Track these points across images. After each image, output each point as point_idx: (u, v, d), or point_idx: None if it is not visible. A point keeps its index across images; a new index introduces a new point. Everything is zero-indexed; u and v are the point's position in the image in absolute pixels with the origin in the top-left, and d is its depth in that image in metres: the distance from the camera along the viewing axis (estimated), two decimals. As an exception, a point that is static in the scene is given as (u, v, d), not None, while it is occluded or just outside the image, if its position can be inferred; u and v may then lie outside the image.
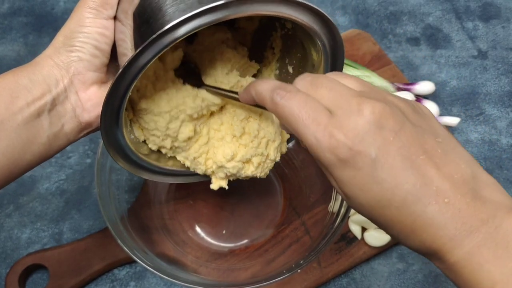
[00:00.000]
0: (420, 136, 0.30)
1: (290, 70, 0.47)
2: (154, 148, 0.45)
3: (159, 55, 0.33)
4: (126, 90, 0.35)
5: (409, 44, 0.78)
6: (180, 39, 0.33)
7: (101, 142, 0.52)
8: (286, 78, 0.48)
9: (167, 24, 0.32)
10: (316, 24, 0.36)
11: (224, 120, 0.46)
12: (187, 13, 0.32)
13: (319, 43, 0.39)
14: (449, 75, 0.75)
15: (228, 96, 0.41)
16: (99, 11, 0.38)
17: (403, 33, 0.79)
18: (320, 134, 0.30)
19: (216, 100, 0.44)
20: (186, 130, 0.44)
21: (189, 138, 0.45)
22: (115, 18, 0.39)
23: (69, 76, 0.38)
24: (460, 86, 0.74)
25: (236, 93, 0.39)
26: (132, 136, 0.43)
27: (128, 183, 0.57)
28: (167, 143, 0.44)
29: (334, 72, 0.34)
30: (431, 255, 0.30)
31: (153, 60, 0.34)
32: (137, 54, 0.33)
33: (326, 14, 0.36)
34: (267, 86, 0.33)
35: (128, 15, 0.38)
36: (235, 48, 0.47)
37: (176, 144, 0.45)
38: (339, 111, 0.30)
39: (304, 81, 0.33)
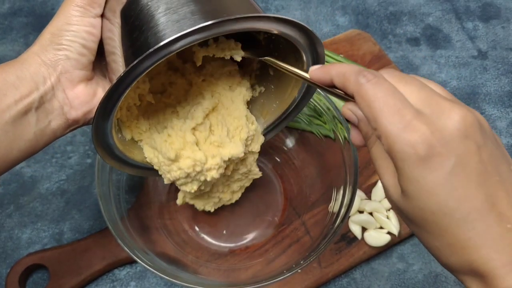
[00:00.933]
0: (498, 158, 0.30)
1: (271, 72, 0.47)
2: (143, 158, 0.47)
3: (153, 66, 0.34)
4: (119, 97, 0.36)
5: (409, 44, 0.78)
6: (174, 53, 0.33)
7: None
8: (267, 79, 0.48)
9: (161, 36, 0.33)
10: (301, 37, 0.38)
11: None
12: (180, 24, 0.33)
13: (302, 53, 0.40)
14: (449, 75, 0.75)
15: (293, 73, 0.39)
16: (86, 9, 0.38)
17: (403, 33, 0.79)
18: (402, 125, 0.29)
19: (240, 154, 0.46)
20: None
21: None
22: (102, 16, 0.39)
23: (56, 74, 0.38)
24: (460, 86, 0.74)
25: (304, 71, 0.38)
26: (120, 135, 0.43)
27: (128, 183, 0.57)
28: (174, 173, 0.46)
29: (416, 76, 0.34)
30: (472, 276, 0.30)
31: (148, 71, 0.34)
32: (134, 66, 0.33)
33: (312, 31, 0.37)
34: (352, 67, 0.33)
35: (116, 14, 0.38)
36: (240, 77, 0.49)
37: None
38: (428, 110, 0.30)
39: (391, 74, 0.32)
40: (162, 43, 0.32)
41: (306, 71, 0.37)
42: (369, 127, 0.33)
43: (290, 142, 0.62)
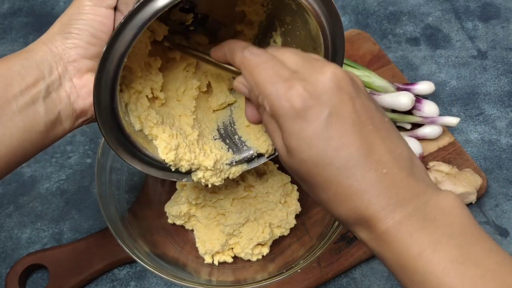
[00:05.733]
0: (372, 109, 0.32)
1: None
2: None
3: (154, 19, 0.34)
4: (121, 57, 0.35)
5: (409, 44, 0.78)
6: (169, 6, 0.34)
7: (101, 142, 0.52)
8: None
9: None
10: (315, 3, 0.38)
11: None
12: None
13: (316, 25, 0.39)
14: (449, 75, 0.75)
15: (199, 57, 0.43)
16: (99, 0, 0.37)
17: (402, 33, 0.79)
18: (279, 84, 0.32)
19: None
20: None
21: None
22: (115, 9, 0.38)
23: (63, 62, 0.37)
24: (459, 86, 0.74)
25: (207, 54, 0.41)
26: (127, 118, 0.42)
27: (128, 183, 0.57)
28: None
29: None
30: (360, 224, 0.31)
31: (149, 24, 0.34)
32: (130, 16, 0.34)
33: None
34: (240, 43, 0.37)
35: (129, 6, 0.37)
36: None
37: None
38: (302, 69, 0.32)
39: (273, 48, 0.36)
40: None
41: None
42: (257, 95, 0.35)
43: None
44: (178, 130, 0.46)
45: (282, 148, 0.33)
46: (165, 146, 0.43)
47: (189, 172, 0.46)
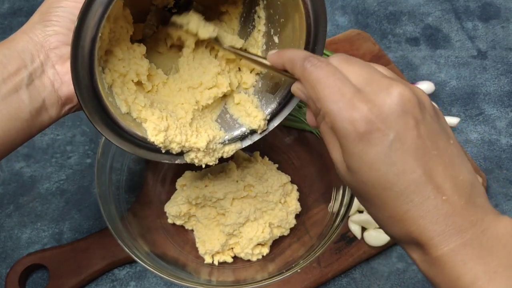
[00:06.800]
0: (437, 132, 0.31)
1: (276, 40, 0.46)
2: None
3: None
4: (96, 27, 0.35)
5: (409, 44, 0.78)
6: None
7: (101, 142, 0.52)
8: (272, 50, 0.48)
9: None
10: None
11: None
12: None
13: None
14: (449, 75, 0.75)
15: (255, 60, 0.43)
16: None
17: (402, 33, 0.79)
18: (343, 103, 0.31)
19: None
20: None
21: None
22: None
23: (44, 50, 0.37)
24: (459, 86, 0.74)
25: (264, 58, 0.40)
26: (111, 99, 0.41)
27: (128, 183, 0.57)
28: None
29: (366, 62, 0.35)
30: (413, 245, 0.31)
31: None
32: None
33: None
34: (301, 53, 0.35)
35: None
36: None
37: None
38: (367, 88, 0.31)
39: (337, 57, 0.34)
40: None
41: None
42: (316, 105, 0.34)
43: (289, 142, 0.62)
44: (169, 113, 0.45)
45: (341, 163, 0.33)
46: (154, 128, 0.43)
47: (181, 154, 0.45)
